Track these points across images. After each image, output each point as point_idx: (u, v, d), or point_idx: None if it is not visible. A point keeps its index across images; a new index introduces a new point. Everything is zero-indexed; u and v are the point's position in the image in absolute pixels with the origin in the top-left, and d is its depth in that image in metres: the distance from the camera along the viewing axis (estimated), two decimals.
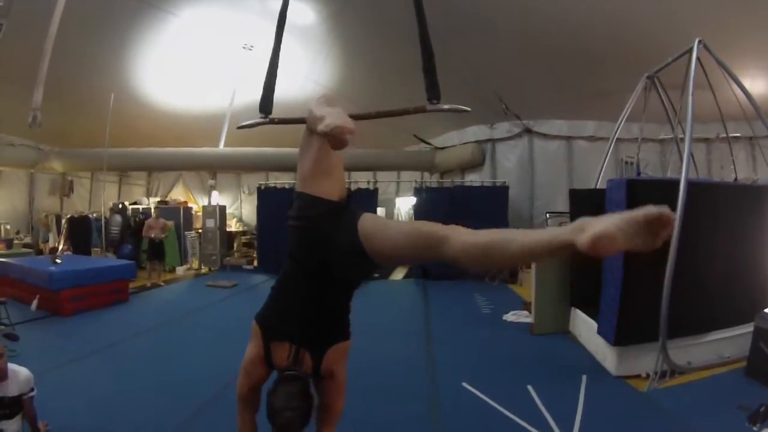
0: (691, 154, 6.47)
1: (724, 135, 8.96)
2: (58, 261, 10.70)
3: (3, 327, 7.65)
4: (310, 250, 2.73)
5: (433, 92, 2.96)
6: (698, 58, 6.94)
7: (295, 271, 2.85)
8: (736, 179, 8.93)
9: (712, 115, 8.38)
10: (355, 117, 2.44)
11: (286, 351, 2.83)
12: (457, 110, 3.46)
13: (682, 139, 7.23)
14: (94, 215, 17.06)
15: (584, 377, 6.15)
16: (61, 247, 15.35)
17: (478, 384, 5.94)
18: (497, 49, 11.73)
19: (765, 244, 7.45)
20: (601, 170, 9.42)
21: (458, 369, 6.56)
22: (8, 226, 16.66)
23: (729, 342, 6.68)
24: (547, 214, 13.42)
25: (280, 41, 3.31)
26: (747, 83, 8.06)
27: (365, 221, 2.57)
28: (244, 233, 20.95)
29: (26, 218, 18.01)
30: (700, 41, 6.98)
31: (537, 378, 6.17)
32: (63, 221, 16.47)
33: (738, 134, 10.05)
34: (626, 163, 11.20)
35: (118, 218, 16.71)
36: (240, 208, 22.40)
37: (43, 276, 9.77)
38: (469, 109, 3.38)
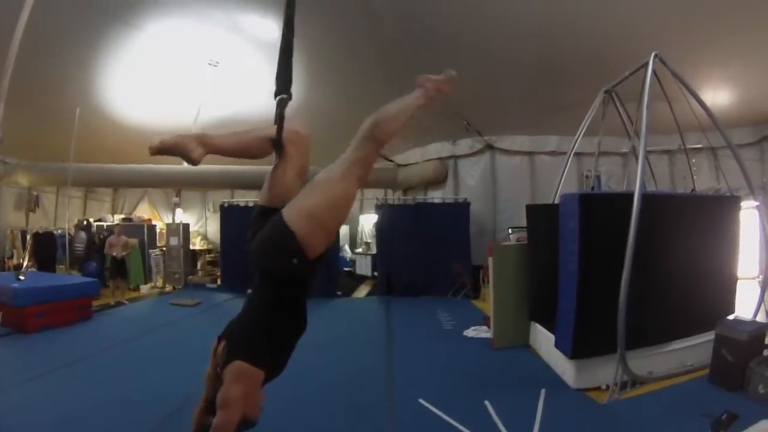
0: (647, 167, 6.60)
1: (684, 145, 9.16)
2: (22, 277, 10.59)
3: None
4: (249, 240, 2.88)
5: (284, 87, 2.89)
6: (654, 71, 7.06)
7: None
8: (693, 190, 9.11)
9: (674, 126, 8.52)
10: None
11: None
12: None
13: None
14: (59, 231, 16.78)
15: (543, 391, 6.17)
16: (25, 263, 15.15)
17: (436, 400, 5.94)
18: (458, 65, 11.70)
19: (724, 253, 7.62)
20: (559, 185, 9.48)
21: (417, 385, 6.54)
22: None
23: (691, 350, 6.78)
24: (510, 230, 13.54)
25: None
26: (709, 94, 8.24)
27: (289, 207, 2.71)
28: (209, 251, 20.78)
29: None
30: (656, 55, 7.10)
31: (495, 392, 6.19)
32: (28, 237, 16.26)
33: (700, 145, 10.26)
34: (586, 176, 11.35)
35: (83, 235, 16.47)
36: (205, 226, 22.22)
37: (7, 292, 9.71)
38: None
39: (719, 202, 8.10)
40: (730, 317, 7.06)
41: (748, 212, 8.72)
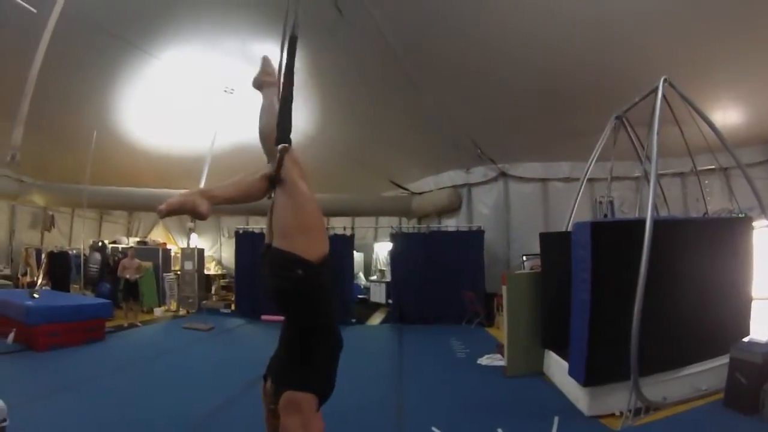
0: (659, 193, 6.58)
1: (695, 168, 9.13)
2: (36, 295, 10.68)
3: None
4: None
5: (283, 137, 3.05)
6: (664, 96, 7.08)
7: None
8: (706, 213, 9.05)
9: (685, 148, 8.50)
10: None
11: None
12: None
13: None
14: (74, 251, 16.99)
15: (556, 418, 6.09)
16: (39, 282, 15.25)
17: (448, 427, 5.90)
18: (471, 94, 11.88)
19: (737, 274, 7.52)
20: (572, 212, 9.46)
21: (429, 413, 6.50)
22: None
23: (705, 375, 6.70)
24: (524, 257, 13.50)
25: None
26: (719, 115, 8.20)
27: (275, 236, 3.08)
28: (222, 276, 20.84)
29: (6, 250, 17.90)
30: (665, 80, 7.13)
31: (508, 420, 6.13)
32: (43, 256, 16.41)
33: (712, 166, 10.21)
34: (599, 202, 11.29)
35: (97, 256, 16.62)
36: (219, 251, 22.30)
37: (20, 309, 9.81)
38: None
39: (731, 223, 8.01)
40: (745, 339, 6.95)
41: (761, 232, 8.62)
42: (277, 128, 3.08)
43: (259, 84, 3.83)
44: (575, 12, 9.04)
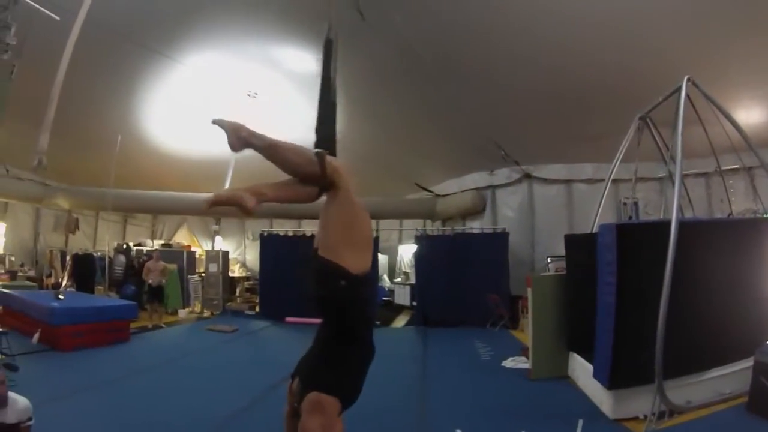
0: (684, 193, 6.51)
1: (719, 168, 9.05)
2: (61, 297, 10.81)
3: (3, 357, 7.69)
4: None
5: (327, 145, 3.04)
6: (687, 95, 7.02)
7: None
8: (730, 214, 8.93)
9: (709, 148, 8.41)
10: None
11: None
12: None
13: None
14: (98, 254, 17.20)
15: (580, 422, 6.03)
16: (64, 283, 15.43)
17: (472, 430, 5.89)
18: (494, 97, 11.88)
19: (763, 276, 7.39)
20: (597, 214, 9.36)
21: (453, 415, 6.49)
22: (13, 258, 16.95)
23: (729, 378, 6.61)
24: (549, 259, 13.41)
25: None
26: (742, 114, 8.08)
27: (322, 244, 3.10)
28: (247, 279, 20.94)
29: (31, 251, 18.24)
30: (688, 79, 7.06)
31: (532, 423, 6.11)
32: (68, 257, 16.64)
33: (736, 166, 10.06)
34: (624, 204, 11.16)
35: (122, 258, 16.88)
36: (244, 254, 22.41)
37: (45, 310, 9.94)
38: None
39: (756, 224, 7.92)
40: None
41: None
42: (315, 133, 3.17)
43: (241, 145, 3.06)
44: (596, 16, 9.08)
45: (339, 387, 2.93)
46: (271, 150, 2.96)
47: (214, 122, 2.91)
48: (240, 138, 2.89)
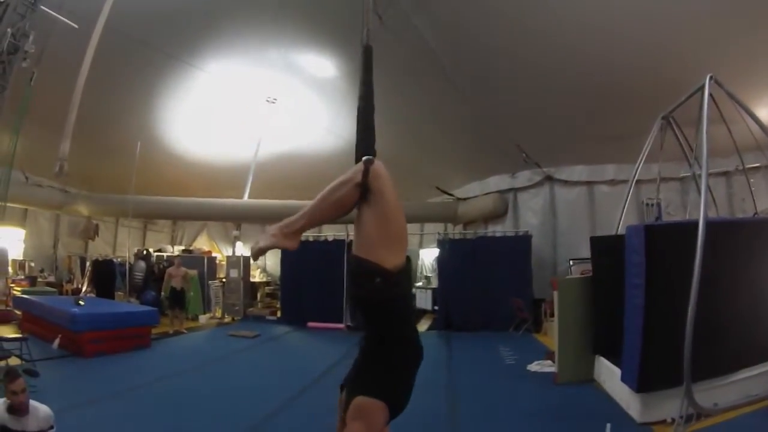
0: (709, 193, 6.41)
1: (743, 167, 8.93)
2: (81, 303, 10.84)
3: (24, 362, 7.70)
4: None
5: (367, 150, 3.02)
6: (711, 94, 6.91)
7: None
8: (756, 213, 8.80)
9: (731, 147, 8.29)
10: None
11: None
12: None
13: (701, 175, 7.14)
14: (118, 260, 17.30)
15: (608, 425, 5.90)
16: (84, 289, 15.50)
17: None
18: (515, 99, 11.90)
19: None
20: (622, 215, 9.23)
21: (480, 420, 6.47)
22: (33, 264, 17.09)
23: (756, 380, 6.55)
24: (571, 261, 13.29)
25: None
26: (765, 111, 7.96)
27: (355, 243, 3.03)
28: (267, 284, 20.92)
29: (51, 257, 18.39)
30: (711, 77, 6.96)
31: (559, 427, 6.13)
32: (87, 264, 16.79)
33: (758, 164, 9.92)
34: (647, 205, 11.03)
35: (142, 264, 16.94)
36: (264, 259, 22.41)
37: (65, 316, 9.94)
38: None
39: None
40: None
41: None
42: (357, 143, 3.29)
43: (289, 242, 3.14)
44: (615, 21, 9.19)
45: (383, 390, 2.77)
46: (315, 219, 3.00)
47: (255, 257, 3.01)
48: (281, 241, 2.97)
